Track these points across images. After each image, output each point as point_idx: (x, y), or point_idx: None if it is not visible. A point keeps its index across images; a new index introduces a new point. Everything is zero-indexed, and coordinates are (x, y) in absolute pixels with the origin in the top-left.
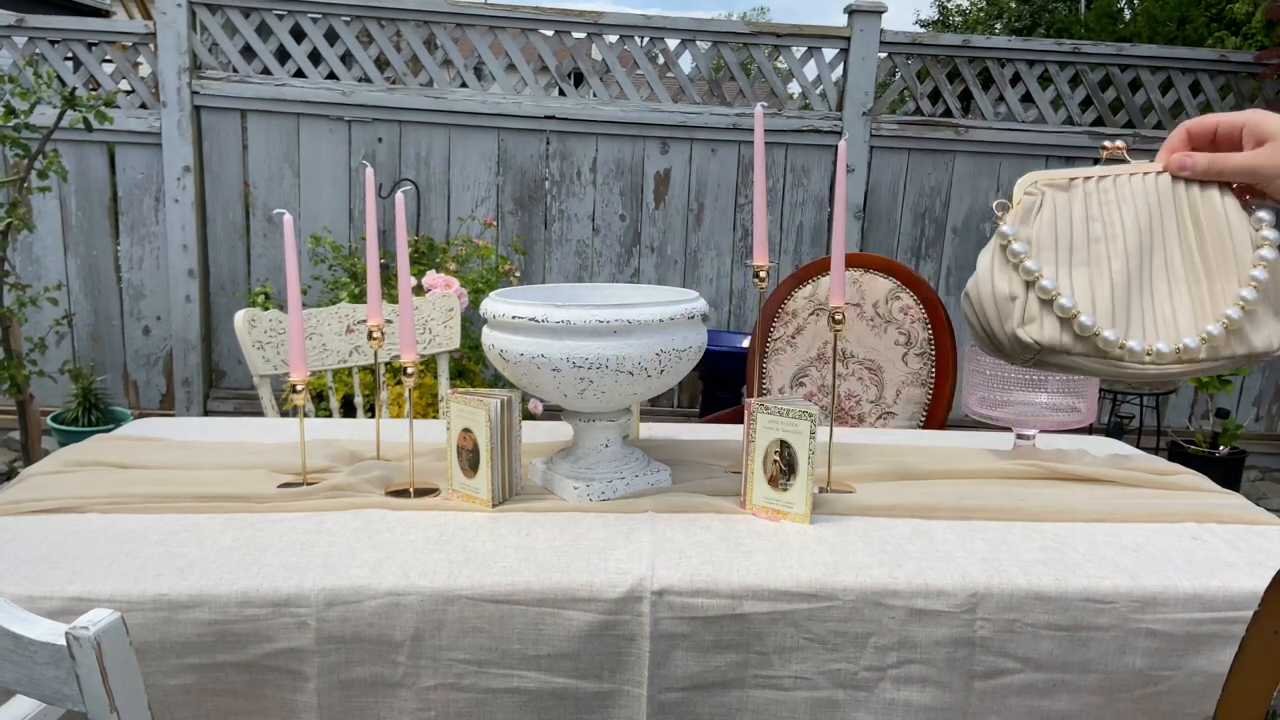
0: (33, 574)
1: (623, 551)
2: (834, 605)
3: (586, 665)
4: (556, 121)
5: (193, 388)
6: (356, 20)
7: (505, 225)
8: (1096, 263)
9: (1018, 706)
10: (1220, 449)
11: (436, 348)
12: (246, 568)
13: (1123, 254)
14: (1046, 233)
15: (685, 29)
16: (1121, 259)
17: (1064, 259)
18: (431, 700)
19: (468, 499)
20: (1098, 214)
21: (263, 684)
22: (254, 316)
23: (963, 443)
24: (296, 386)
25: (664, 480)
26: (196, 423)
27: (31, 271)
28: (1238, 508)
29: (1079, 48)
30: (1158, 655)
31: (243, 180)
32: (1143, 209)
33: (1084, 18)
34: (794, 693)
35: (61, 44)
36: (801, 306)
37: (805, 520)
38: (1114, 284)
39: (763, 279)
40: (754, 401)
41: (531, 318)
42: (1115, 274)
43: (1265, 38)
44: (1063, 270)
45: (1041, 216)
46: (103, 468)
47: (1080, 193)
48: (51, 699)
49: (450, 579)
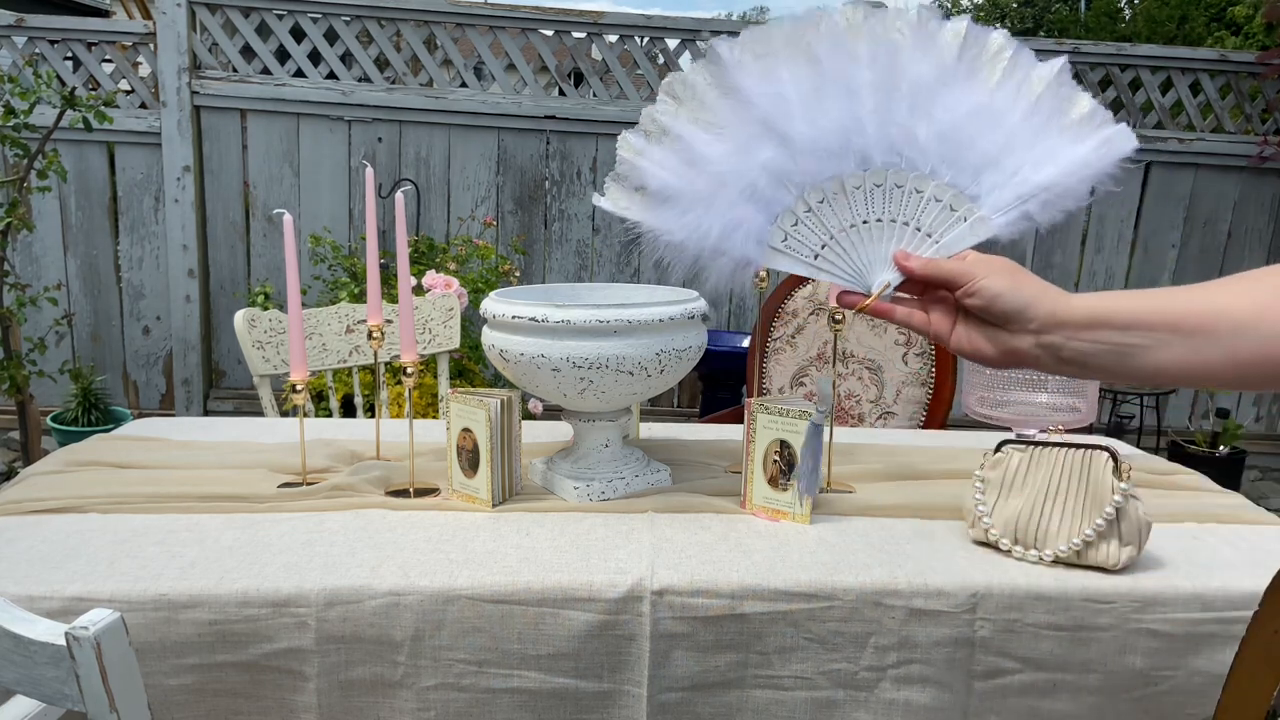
0: (33, 574)
1: (623, 551)
2: (834, 605)
3: (586, 665)
4: (556, 121)
5: (193, 388)
6: (356, 20)
7: (505, 225)
8: (1018, 495)
9: (1018, 706)
10: (1220, 449)
11: (436, 348)
12: (246, 567)
13: (1034, 493)
14: (996, 475)
15: (685, 29)
16: (1032, 495)
17: (1004, 492)
18: (431, 700)
19: (468, 499)
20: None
21: (263, 684)
22: (254, 316)
23: (963, 443)
24: (296, 386)
25: (664, 480)
26: (196, 423)
27: (31, 271)
28: (1238, 508)
29: (1079, 47)
30: (1158, 655)
31: (243, 180)
32: (1055, 470)
33: (1084, 17)
34: (794, 693)
35: (61, 44)
36: (801, 306)
37: (805, 520)
38: (1021, 510)
39: (763, 279)
40: (754, 401)
41: (531, 318)
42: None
43: (1266, 38)
44: (1001, 498)
45: (1001, 466)
46: (103, 468)
47: (1028, 455)
48: (51, 699)
49: (450, 579)
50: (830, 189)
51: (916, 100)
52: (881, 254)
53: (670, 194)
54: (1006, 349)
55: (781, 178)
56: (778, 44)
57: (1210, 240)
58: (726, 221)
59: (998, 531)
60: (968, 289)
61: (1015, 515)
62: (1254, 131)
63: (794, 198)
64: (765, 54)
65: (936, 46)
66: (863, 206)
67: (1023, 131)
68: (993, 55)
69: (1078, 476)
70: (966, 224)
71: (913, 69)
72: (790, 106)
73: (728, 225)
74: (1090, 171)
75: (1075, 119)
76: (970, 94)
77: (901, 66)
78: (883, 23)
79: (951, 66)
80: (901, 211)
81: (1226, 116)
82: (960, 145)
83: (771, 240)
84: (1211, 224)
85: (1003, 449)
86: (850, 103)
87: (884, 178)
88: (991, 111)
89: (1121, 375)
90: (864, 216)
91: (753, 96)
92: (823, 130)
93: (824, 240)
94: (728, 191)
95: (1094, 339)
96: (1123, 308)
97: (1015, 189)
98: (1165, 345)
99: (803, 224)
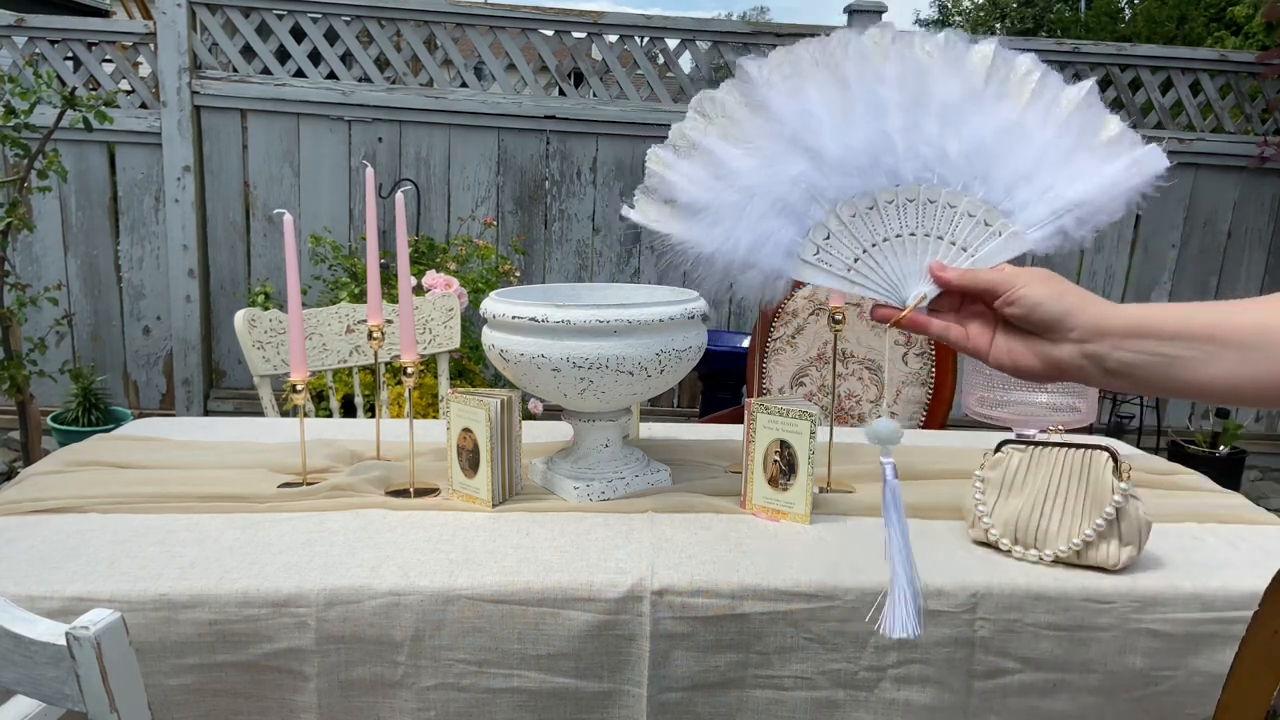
0: (33, 574)
1: (623, 551)
2: (834, 605)
3: (586, 665)
4: (556, 121)
5: (193, 388)
6: (356, 20)
7: (505, 225)
8: (1018, 495)
9: (1018, 706)
10: (1220, 449)
11: (436, 348)
12: (247, 568)
13: (1034, 493)
14: (997, 475)
15: (685, 29)
16: (1032, 495)
17: (1004, 492)
18: (431, 700)
19: (468, 499)
20: (1028, 468)
21: (263, 684)
22: (254, 316)
23: (963, 443)
24: (296, 386)
25: (664, 480)
26: (196, 423)
27: (31, 271)
28: (1238, 508)
29: (1079, 47)
30: (1158, 655)
31: (243, 180)
32: (1055, 470)
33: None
34: (794, 693)
35: (61, 44)
36: (801, 306)
37: (805, 520)
38: (1021, 510)
39: None
40: (754, 401)
41: (531, 318)
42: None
43: (1266, 38)
44: (1001, 497)
45: (1001, 466)
46: (103, 468)
47: (1028, 455)
48: (52, 699)
49: (450, 579)
50: (862, 204)
51: (946, 119)
52: (915, 268)
53: (699, 207)
54: (1049, 360)
55: (812, 192)
56: (806, 65)
57: (1210, 240)
58: (757, 234)
59: (998, 531)
60: (1007, 297)
61: (1015, 515)
62: (1254, 131)
63: (825, 212)
64: (793, 74)
65: (964, 68)
66: (895, 221)
67: (1053, 150)
68: (1021, 77)
69: (1078, 476)
70: (1001, 238)
71: (941, 89)
72: (819, 124)
73: (758, 238)
74: (1122, 189)
75: (1105, 140)
76: (999, 113)
77: (930, 87)
78: (910, 44)
79: (980, 87)
80: (935, 226)
81: (1226, 116)
82: (991, 162)
83: (803, 253)
84: (1211, 224)
85: (1003, 449)
86: (879, 121)
87: (916, 193)
88: (1022, 130)
89: (1170, 389)
90: (897, 230)
91: (781, 114)
92: (852, 148)
93: (856, 254)
94: (757, 204)
95: (1139, 349)
96: (1169, 317)
97: (1049, 204)
98: (1214, 358)
99: (835, 238)
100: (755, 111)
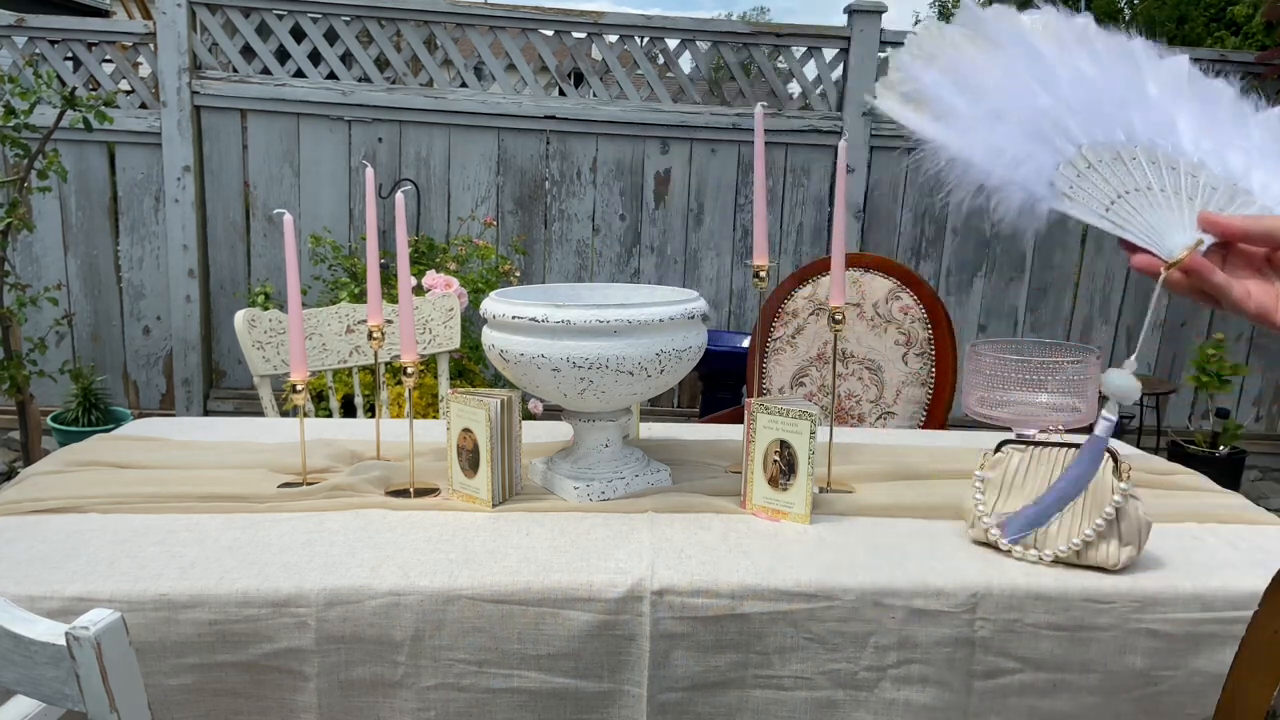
0: (33, 574)
1: (623, 551)
2: (834, 605)
3: (586, 665)
4: (556, 121)
5: (193, 388)
6: (356, 20)
7: (505, 225)
8: (1018, 495)
9: (1018, 706)
10: (1220, 449)
11: (436, 348)
12: (247, 568)
13: (1034, 493)
14: (997, 475)
15: (685, 29)
16: (1032, 495)
17: (1004, 492)
18: (431, 700)
19: (468, 499)
20: (1028, 468)
21: (263, 684)
22: (254, 316)
23: (963, 443)
24: (296, 386)
25: (664, 480)
26: (196, 423)
27: (31, 271)
28: (1238, 508)
29: None
30: (1158, 655)
31: (243, 180)
32: (1055, 470)
33: None
34: (794, 693)
35: (61, 44)
36: (801, 306)
37: (805, 520)
38: None
39: (763, 279)
40: (754, 401)
41: (531, 318)
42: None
43: (1266, 38)
44: (1001, 497)
45: (1001, 466)
46: (103, 468)
47: (1028, 455)
48: (52, 699)
49: (450, 579)
50: (1107, 154)
51: (1164, 102)
52: (1174, 221)
53: (948, 111)
54: None
55: (1059, 127)
56: (1024, 24)
57: None
58: (1018, 151)
59: (998, 531)
60: None
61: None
62: None
63: (1074, 151)
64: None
65: (1164, 68)
66: (1143, 176)
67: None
68: (1218, 89)
69: None
70: (1255, 209)
71: (1152, 78)
72: (1053, 69)
73: (1019, 155)
74: None
75: None
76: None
77: (1141, 70)
78: (1111, 33)
79: (1186, 89)
80: (1185, 189)
81: None
82: (1215, 145)
83: (1060, 184)
84: None
85: (1003, 449)
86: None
87: (1156, 155)
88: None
89: None
90: (1148, 184)
91: (1017, 55)
92: (1085, 97)
93: (1112, 198)
94: (1007, 125)
95: None
96: None
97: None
98: None
99: (1085, 177)
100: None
